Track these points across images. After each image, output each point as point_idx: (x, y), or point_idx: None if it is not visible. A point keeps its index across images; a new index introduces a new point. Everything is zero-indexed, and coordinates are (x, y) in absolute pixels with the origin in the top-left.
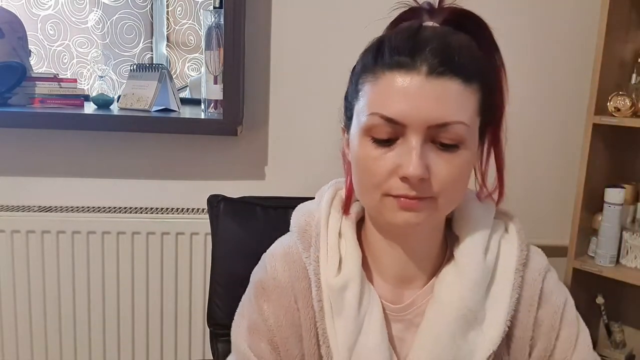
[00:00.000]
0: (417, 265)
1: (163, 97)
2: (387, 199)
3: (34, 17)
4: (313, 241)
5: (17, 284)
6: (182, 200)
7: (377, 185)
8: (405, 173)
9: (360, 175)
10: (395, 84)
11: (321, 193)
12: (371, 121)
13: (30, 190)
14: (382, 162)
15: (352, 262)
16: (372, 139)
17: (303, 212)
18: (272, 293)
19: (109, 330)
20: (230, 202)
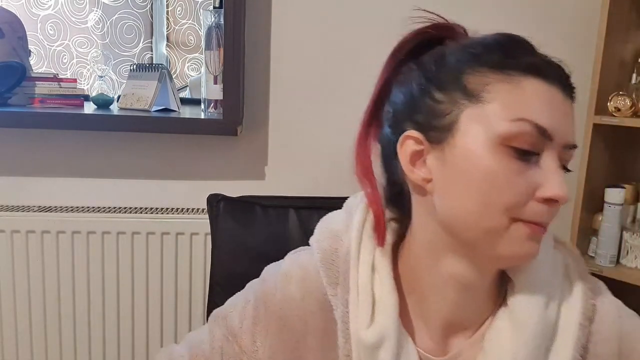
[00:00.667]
0: (470, 309)
1: (163, 97)
2: (517, 225)
3: (34, 17)
4: (341, 279)
5: (17, 284)
6: (182, 200)
7: (510, 208)
8: (554, 194)
9: (488, 193)
10: (541, 92)
11: (349, 209)
12: (518, 128)
13: (30, 190)
14: (522, 180)
15: (388, 310)
16: (512, 149)
17: (328, 233)
18: (274, 323)
19: (109, 330)
20: (230, 201)
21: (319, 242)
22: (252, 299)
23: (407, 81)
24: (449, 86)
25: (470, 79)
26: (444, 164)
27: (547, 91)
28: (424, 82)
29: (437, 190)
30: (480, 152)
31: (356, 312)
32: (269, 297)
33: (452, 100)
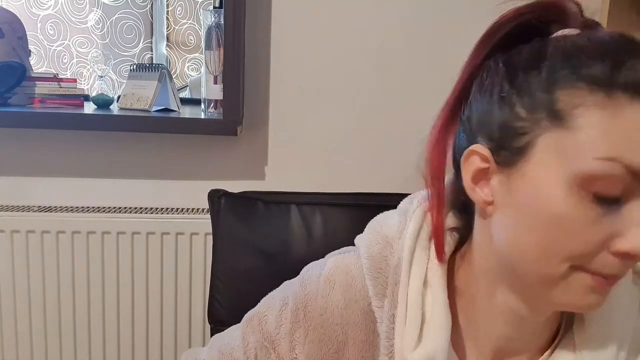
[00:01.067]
0: (527, 339)
1: (163, 97)
2: (578, 275)
3: (34, 17)
4: (389, 291)
5: (17, 284)
6: (182, 200)
7: (574, 257)
8: (634, 250)
9: (552, 239)
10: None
11: (405, 214)
12: (606, 170)
13: (30, 190)
14: (597, 228)
15: (439, 332)
16: (591, 195)
17: (379, 237)
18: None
19: (109, 329)
20: (232, 197)
21: (368, 247)
22: (290, 302)
23: (490, 83)
24: (536, 100)
25: (562, 95)
26: (509, 192)
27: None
28: (508, 88)
29: (497, 216)
30: (553, 190)
31: (402, 330)
32: (309, 302)
33: (534, 118)
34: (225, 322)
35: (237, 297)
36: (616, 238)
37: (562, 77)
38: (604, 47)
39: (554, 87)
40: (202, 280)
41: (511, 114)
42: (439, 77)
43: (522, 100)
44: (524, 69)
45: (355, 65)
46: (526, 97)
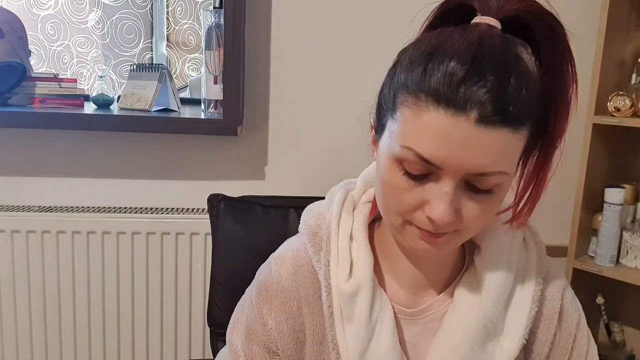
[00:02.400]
0: (435, 272)
1: (163, 97)
2: (409, 226)
3: (34, 17)
4: (324, 245)
5: (17, 284)
6: (182, 200)
7: (400, 213)
8: (433, 217)
9: (384, 198)
10: (438, 125)
11: (332, 194)
12: (404, 155)
13: (30, 190)
14: (410, 196)
15: (364, 267)
16: (403, 170)
17: (313, 213)
18: (275, 298)
19: (109, 330)
20: (231, 201)
21: (305, 221)
22: (252, 292)
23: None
24: (392, 89)
25: (400, 93)
26: (377, 155)
27: (446, 123)
28: (391, 73)
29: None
30: (384, 162)
31: (337, 270)
32: (267, 280)
33: (387, 106)
34: (224, 326)
35: (236, 301)
36: (427, 206)
37: (404, 79)
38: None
39: (399, 85)
40: (202, 279)
41: (383, 97)
42: None
43: (389, 89)
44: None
45: (356, 65)
46: (390, 88)
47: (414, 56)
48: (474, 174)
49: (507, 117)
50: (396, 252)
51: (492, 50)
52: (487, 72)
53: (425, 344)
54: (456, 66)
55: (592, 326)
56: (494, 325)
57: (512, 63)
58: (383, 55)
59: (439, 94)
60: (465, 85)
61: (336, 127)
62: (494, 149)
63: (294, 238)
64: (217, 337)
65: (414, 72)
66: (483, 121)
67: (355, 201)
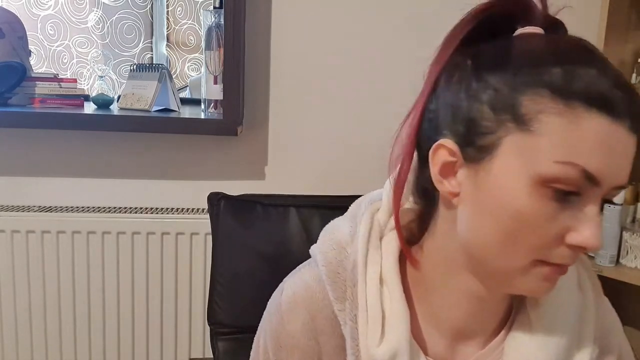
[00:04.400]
0: (484, 318)
1: (163, 97)
2: (538, 267)
3: (34, 17)
4: (349, 293)
5: (17, 284)
6: (182, 200)
7: (536, 250)
8: (588, 244)
9: (516, 233)
10: (602, 133)
11: (354, 218)
12: (563, 172)
13: (30, 190)
14: (555, 223)
15: (400, 326)
16: (552, 189)
17: (332, 244)
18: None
19: (109, 329)
20: (231, 200)
21: (324, 254)
22: (264, 341)
23: (458, 78)
24: (501, 102)
25: (526, 101)
26: (475, 186)
27: (610, 131)
28: (475, 86)
29: (462, 207)
30: (516, 188)
31: (366, 329)
32: (279, 334)
33: (499, 119)
34: (224, 324)
35: (236, 300)
36: (572, 232)
37: (526, 82)
38: (563, 54)
39: (519, 91)
40: (202, 280)
41: (478, 112)
42: None
43: (488, 99)
44: (491, 68)
45: (356, 65)
46: (492, 97)
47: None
48: (618, 187)
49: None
50: (440, 295)
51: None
52: (622, 79)
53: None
54: (602, 70)
55: None
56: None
57: None
58: (383, 55)
59: (601, 99)
60: (617, 88)
61: (336, 127)
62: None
63: (308, 271)
64: (217, 336)
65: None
66: (633, 129)
67: (381, 227)
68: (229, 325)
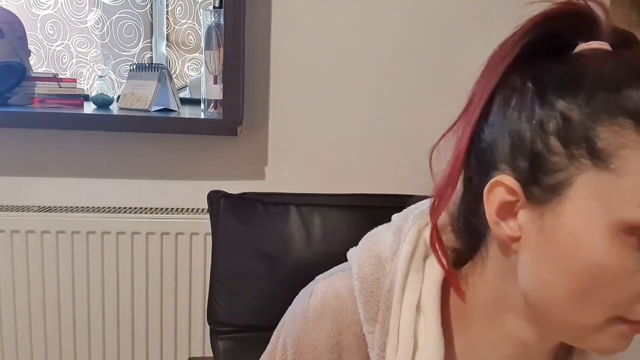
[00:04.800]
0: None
1: (163, 97)
2: (616, 323)
3: (34, 17)
4: (380, 316)
5: (17, 284)
6: (182, 200)
7: (615, 307)
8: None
9: (592, 289)
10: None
11: (399, 232)
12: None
13: (30, 190)
14: (638, 278)
15: None
16: (638, 238)
17: (372, 256)
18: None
19: (109, 329)
20: (231, 198)
21: (361, 267)
22: (283, 341)
23: (518, 104)
24: (573, 133)
25: (604, 133)
26: (540, 231)
27: None
28: (540, 114)
29: (524, 254)
30: (593, 237)
31: (394, 357)
32: (301, 338)
33: (571, 154)
34: (224, 323)
35: (236, 298)
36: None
37: (605, 110)
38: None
39: (595, 121)
40: (202, 280)
41: (544, 145)
42: (440, 78)
43: (556, 130)
44: (558, 92)
45: (356, 65)
46: (561, 128)
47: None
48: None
49: None
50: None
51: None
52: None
53: None
54: None
55: None
56: None
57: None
58: (383, 55)
59: None
60: None
61: (336, 127)
62: None
63: (342, 278)
64: (217, 335)
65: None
66: None
67: (427, 247)
68: (229, 324)
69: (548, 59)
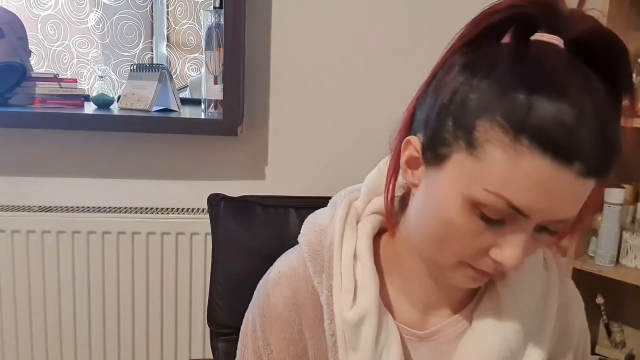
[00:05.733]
0: (451, 291)
1: (163, 97)
2: (462, 267)
3: (34, 17)
4: (326, 266)
5: (17, 284)
6: (182, 200)
7: (460, 256)
8: (506, 263)
9: (441, 238)
10: (541, 176)
11: (334, 204)
12: (489, 200)
13: (30, 190)
14: (479, 239)
15: (369, 292)
16: (479, 214)
17: (314, 227)
18: (274, 325)
19: (109, 329)
20: (231, 201)
21: (306, 235)
22: (252, 316)
23: (442, 83)
24: (462, 120)
25: (480, 126)
26: (425, 184)
27: (551, 174)
28: (449, 96)
29: (415, 200)
30: (451, 201)
31: (339, 295)
32: (264, 306)
33: (456, 135)
34: (225, 326)
35: (236, 301)
36: (496, 248)
37: (486, 107)
38: (538, 81)
39: (478, 114)
40: (202, 280)
41: (443, 123)
42: None
43: (454, 113)
44: (468, 80)
45: (356, 65)
46: (457, 113)
47: (505, 86)
48: (554, 221)
49: (606, 170)
50: (409, 270)
51: (594, 92)
52: (594, 120)
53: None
54: (567, 110)
55: (592, 326)
56: (513, 354)
57: (610, 107)
58: (384, 55)
59: (548, 142)
60: (575, 134)
61: (336, 126)
62: (583, 198)
63: (293, 253)
64: (218, 337)
65: (512, 108)
66: (584, 174)
67: (359, 213)
68: (229, 326)
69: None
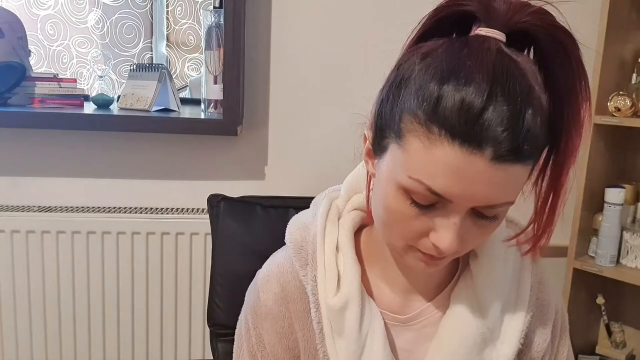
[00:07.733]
0: (428, 277)
1: (163, 97)
2: (411, 250)
3: (34, 17)
4: (309, 259)
5: (17, 284)
6: (182, 200)
7: (404, 238)
8: (440, 246)
9: (387, 222)
10: (452, 161)
11: (316, 204)
12: (412, 186)
13: (30, 190)
14: (416, 223)
15: (351, 279)
16: (410, 199)
17: (298, 225)
18: (265, 321)
19: (109, 330)
20: (231, 201)
21: (290, 234)
22: (245, 315)
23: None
24: (395, 113)
25: (406, 119)
26: (377, 174)
27: (461, 160)
28: (391, 91)
29: (374, 188)
30: (388, 187)
31: (324, 285)
32: (255, 304)
33: (390, 128)
34: (224, 326)
35: (236, 301)
36: (432, 231)
37: (410, 101)
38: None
39: (404, 108)
40: (202, 280)
41: (385, 116)
42: None
43: (390, 107)
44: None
45: (355, 65)
46: (392, 107)
47: (423, 81)
48: (484, 206)
49: (521, 155)
50: (387, 259)
51: (508, 79)
52: (504, 106)
53: (419, 349)
54: (473, 98)
55: (593, 326)
56: (491, 332)
57: (527, 94)
58: (384, 56)
59: (454, 129)
60: (481, 121)
61: (336, 127)
62: (506, 183)
63: (280, 252)
64: (217, 337)
65: (424, 100)
66: (498, 159)
67: (340, 210)
68: (229, 327)
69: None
